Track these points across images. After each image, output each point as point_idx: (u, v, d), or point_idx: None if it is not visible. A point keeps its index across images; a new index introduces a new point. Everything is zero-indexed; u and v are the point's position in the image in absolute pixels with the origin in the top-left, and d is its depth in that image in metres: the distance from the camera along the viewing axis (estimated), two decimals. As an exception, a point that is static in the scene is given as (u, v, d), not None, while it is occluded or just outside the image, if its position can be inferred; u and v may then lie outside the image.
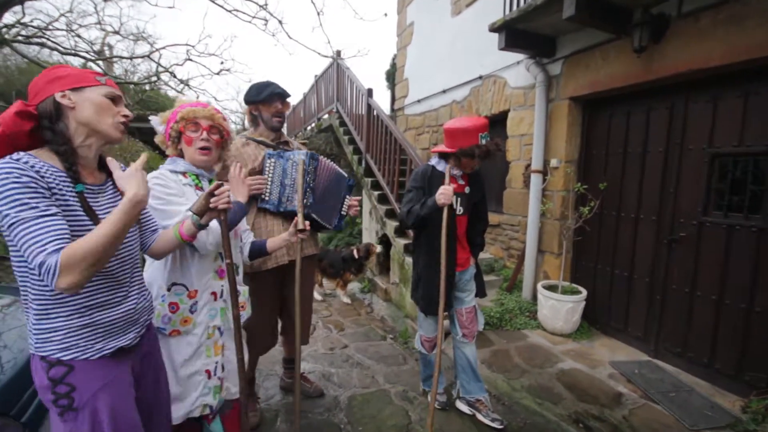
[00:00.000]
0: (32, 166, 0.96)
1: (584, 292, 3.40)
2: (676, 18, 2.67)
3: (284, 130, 2.31)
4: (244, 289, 1.67)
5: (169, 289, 1.43)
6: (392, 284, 4.58)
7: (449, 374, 2.80)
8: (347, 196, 2.30)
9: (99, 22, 6.77)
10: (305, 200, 1.99)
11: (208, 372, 1.46)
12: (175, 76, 5.28)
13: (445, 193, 1.90)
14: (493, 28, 3.56)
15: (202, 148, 1.48)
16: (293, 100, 10.24)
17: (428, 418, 2.01)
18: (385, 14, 4.73)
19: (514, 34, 3.49)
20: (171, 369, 1.41)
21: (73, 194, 1.04)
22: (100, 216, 1.08)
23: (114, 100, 1.12)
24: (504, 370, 2.90)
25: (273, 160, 2.01)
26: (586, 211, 3.30)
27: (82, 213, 1.04)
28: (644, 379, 2.75)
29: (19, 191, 0.92)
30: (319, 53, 5.04)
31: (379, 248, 4.46)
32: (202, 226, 1.30)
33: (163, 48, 4.58)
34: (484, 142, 2.01)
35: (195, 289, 1.46)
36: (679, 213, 2.92)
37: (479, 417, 2.33)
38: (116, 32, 7.70)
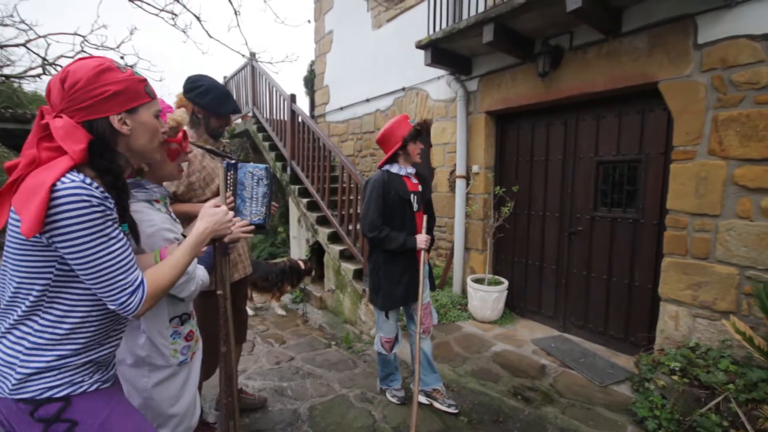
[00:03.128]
0: (102, 192, 0.87)
1: (506, 282, 3.86)
2: (568, 50, 3.25)
3: None
4: None
5: (182, 323, 1.34)
6: (328, 291, 4.56)
7: (403, 371, 2.93)
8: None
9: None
10: (266, 212, 1.94)
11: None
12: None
13: (425, 242, 2.26)
14: (420, 45, 3.85)
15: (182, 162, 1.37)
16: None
17: (413, 416, 2.12)
18: (309, 21, 4.70)
19: (438, 51, 3.82)
20: (194, 383, 1.39)
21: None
22: None
23: (158, 115, 1.02)
24: (448, 360, 3.14)
25: (231, 172, 1.90)
26: (506, 211, 3.76)
27: None
28: (559, 351, 3.25)
29: (100, 222, 0.86)
30: (243, 55, 4.73)
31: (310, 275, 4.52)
32: None
33: (46, 36, 3.82)
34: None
35: (191, 310, 1.41)
36: (576, 210, 3.53)
37: (436, 405, 2.50)
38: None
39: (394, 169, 2.35)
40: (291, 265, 4.30)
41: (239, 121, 7.10)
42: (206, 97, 1.88)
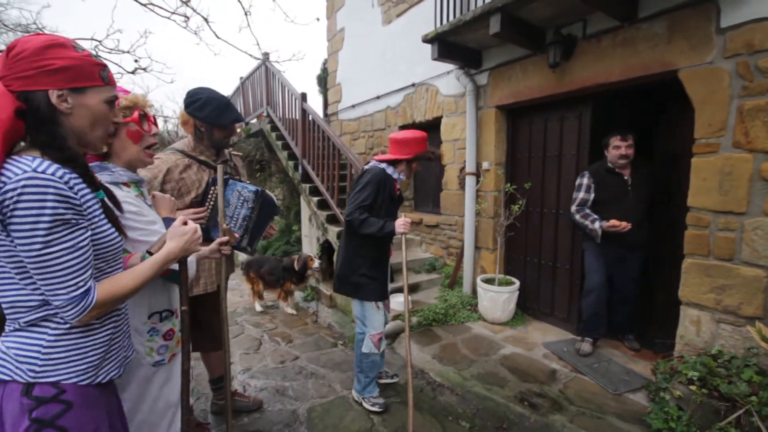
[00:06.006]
0: (66, 182, 0.85)
1: (517, 283, 3.73)
2: (581, 39, 3.08)
3: None
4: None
5: (162, 320, 1.31)
6: (337, 290, 4.55)
7: (401, 372, 2.88)
8: (270, 223, 2.27)
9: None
10: (244, 234, 1.90)
11: None
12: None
13: (404, 225, 2.24)
14: (426, 39, 3.75)
15: (149, 147, 1.31)
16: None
17: (409, 421, 2.07)
18: (317, 19, 4.68)
19: (445, 45, 3.72)
20: (175, 387, 1.33)
21: (97, 201, 0.95)
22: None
23: (111, 103, 0.99)
24: (453, 362, 3.06)
25: (214, 188, 1.88)
26: (516, 209, 3.63)
27: (106, 222, 0.97)
28: (572, 355, 3.10)
29: (57, 220, 0.83)
30: (250, 55, 4.78)
31: (317, 263, 4.36)
32: None
33: (63, 42, 4.01)
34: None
35: (176, 308, 1.38)
36: (591, 207, 3.35)
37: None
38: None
39: (390, 170, 2.38)
40: (288, 263, 4.29)
41: (254, 120, 7.19)
42: (204, 109, 1.86)
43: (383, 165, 2.39)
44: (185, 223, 1.16)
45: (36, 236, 0.82)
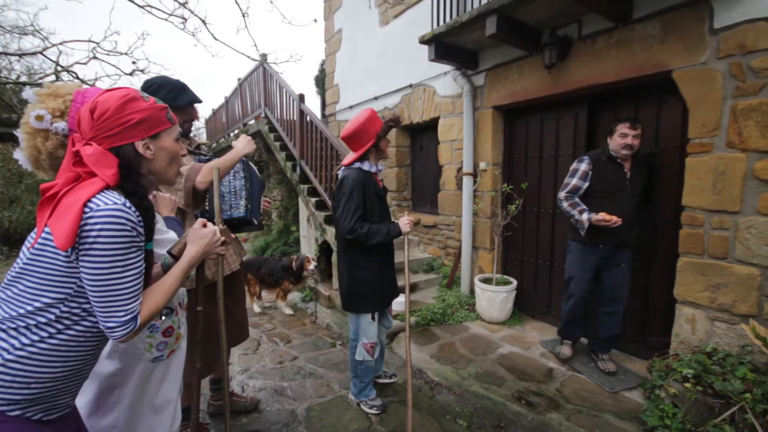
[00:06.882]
0: (137, 216, 0.93)
1: (515, 282, 3.75)
2: (577, 40, 3.11)
3: (203, 135, 2.22)
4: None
5: (161, 316, 1.34)
6: (336, 290, 4.56)
7: (400, 372, 2.89)
8: (262, 194, 2.30)
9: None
10: (247, 204, 1.94)
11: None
12: (78, 77, 4.56)
13: (409, 223, 2.24)
14: (423, 41, 3.77)
15: None
16: (215, 104, 9.68)
17: (408, 421, 2.08)
18: (315, 20, 4.70)
19: (442, 46, 3.74)
20: (172, 383, 1.38)
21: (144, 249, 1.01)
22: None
23: (178, 139, 1.09)
24: (452, 362, 3.07)
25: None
26: (513, 209, 3.65)
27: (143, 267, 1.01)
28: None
29: (124, 248, 0.90)
30: (248, 56, 4.80)
31: (312, 264, 4.36)
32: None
33: (61, 44, 3.98)
34: None
35: (176, 305, 1.41)
36: (587, 207, 3.37)
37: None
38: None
39: (366, 166, 2.28)
40: (287, 263, 4.31)
41: (252, 122, 7.19)
42: (160, 92, 1.80)
43: (356, 165, 2.27)
44: (204, 226, 1.20)
45: (115, 261, 0.89)
